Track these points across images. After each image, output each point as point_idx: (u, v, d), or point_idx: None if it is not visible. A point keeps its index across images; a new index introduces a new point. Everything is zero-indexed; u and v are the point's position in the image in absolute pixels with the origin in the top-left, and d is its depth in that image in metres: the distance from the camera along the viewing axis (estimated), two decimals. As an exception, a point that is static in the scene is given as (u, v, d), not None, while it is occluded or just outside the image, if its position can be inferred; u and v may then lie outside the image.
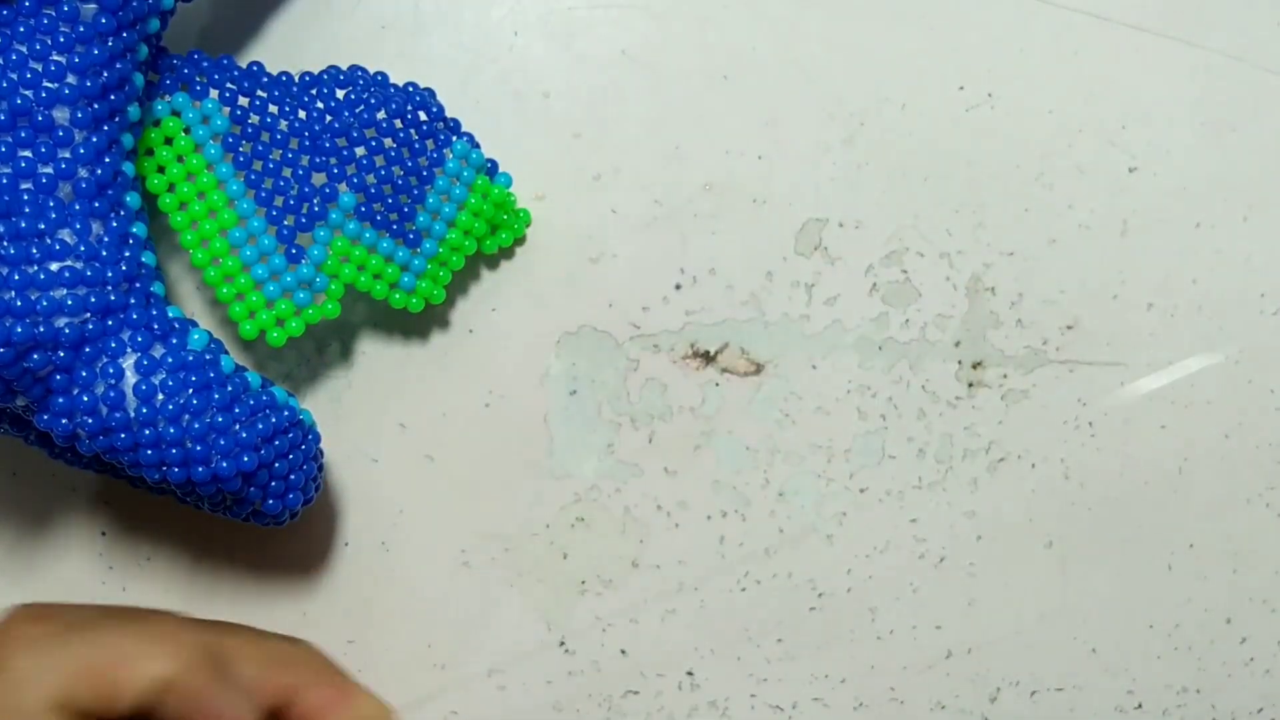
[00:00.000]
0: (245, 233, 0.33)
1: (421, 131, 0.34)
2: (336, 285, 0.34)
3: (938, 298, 0.38)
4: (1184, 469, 0.39)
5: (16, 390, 0.30)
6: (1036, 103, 0.38)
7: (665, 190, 0.38)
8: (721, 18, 0.38)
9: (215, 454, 0.30)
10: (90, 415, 0.30)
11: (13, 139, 0.29)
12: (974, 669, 0.39)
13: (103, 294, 0.30)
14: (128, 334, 0.30)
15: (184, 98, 0.33)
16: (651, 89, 0.38)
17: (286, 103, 0.33)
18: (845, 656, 0.39)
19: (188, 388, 0.30)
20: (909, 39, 0.38)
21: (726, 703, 0.39)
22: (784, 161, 0.38)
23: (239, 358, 0.37)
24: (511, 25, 0.38)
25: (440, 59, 0.37)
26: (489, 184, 0.35)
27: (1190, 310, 0.38)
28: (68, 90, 0.30)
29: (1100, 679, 0.39)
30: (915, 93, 0.38)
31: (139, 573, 0.38)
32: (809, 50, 0.38)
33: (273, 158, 0.33)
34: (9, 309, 0.28)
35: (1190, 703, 0.39)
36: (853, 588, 0.39)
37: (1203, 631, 0.39)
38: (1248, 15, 0.38)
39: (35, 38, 0.29)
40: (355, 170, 0.33)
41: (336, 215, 0.33)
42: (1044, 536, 0.39)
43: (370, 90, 0.34)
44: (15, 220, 0.29)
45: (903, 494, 0.38)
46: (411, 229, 0.34)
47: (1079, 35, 0.38)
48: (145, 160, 0.33)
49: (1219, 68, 0.38)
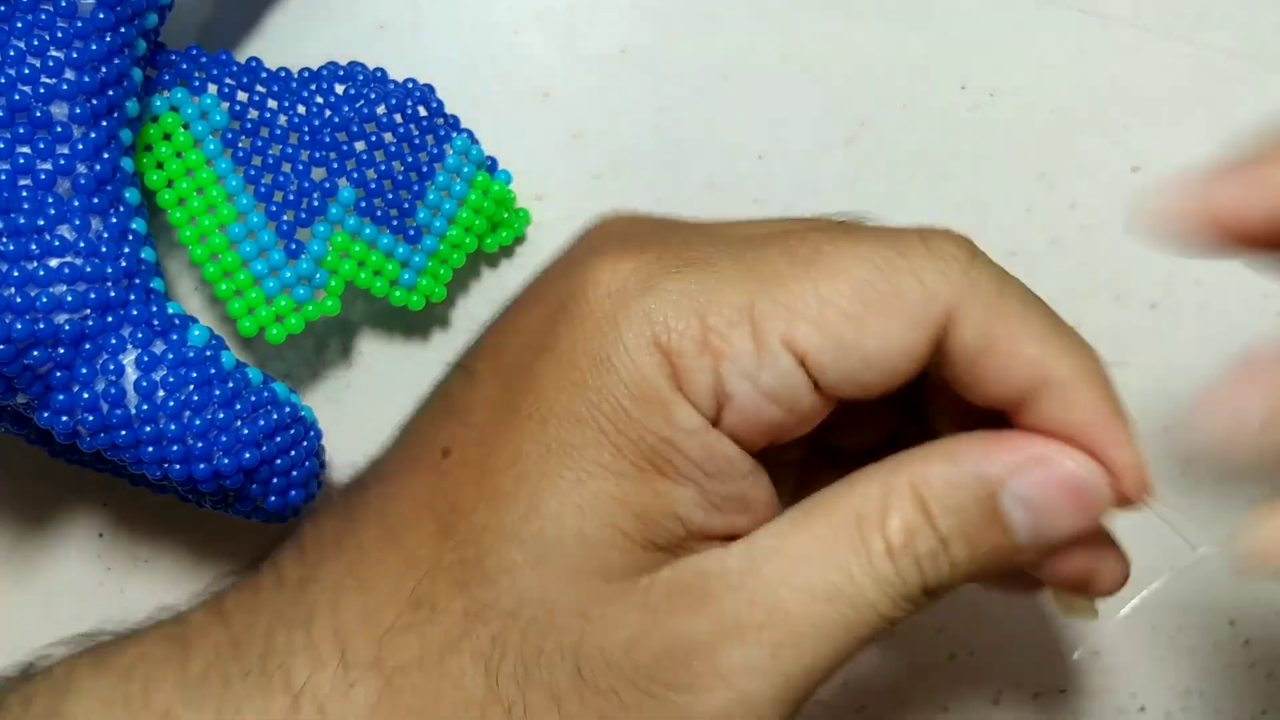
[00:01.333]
0: (244, 228, 0.33)
1: (422, 127, 0.34)
2: (336, 281, 0.33)
3: (939, 298, 0.38)
4: (1185, 469, 0.39)
5: (16, 387, 0.29)
6: (1038, 102, 0.38)
7: (665, 190, 0.37)
8: (721, 18, 0.38)
9: (216, 450, 0.30)
10: (91, 412, 0.30)
11: (11, 135, 0.29)
12: (976, 671, 0.39)
13: (102, 290, 0.30)
14: (128, 330, 0.30)
15: (182, 93, 0.33)
16: (651, 89, 0.38)
17: (285, 98, 0.33)
18: (846, 659, 0.39)
19: (188, 384, 0.30)
20: (910, 38, 0.38)
21: (727, 705, 0.38)
22: (784, 161, 0.38)
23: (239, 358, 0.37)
24: (511, 23, 0.38)
25: (439, 58, 0.37)
26: (490, 180, 0.35)
27: (1193, 311, 0.38)
28: (66, 86, 0.30)
29: (1103, 681, 0.39)
30: (916, 92, 0.38)
31: (137, 574, 0.38)
32: (809, 50, 0.38)
33: (272, 153, 0.33)
34: (8, 305, 0.28)
35: (1193, 705, 0.39)
36: (854, 589, 0.38)
37: (1206, 634, 0.39)
38: (1250, 14, 0.38)
39: (33, 33, 0.29)
40: (355, 165, 0.33)
41: (336, 211, 0.33)
42: (1046, 538, 0.39)
43: (370, 86, 0.34)
44: (14, 216, 0.29)
45: (904, 495, 0.38)
46: (412, 225, 0.34)
47: (1081, 35, 0.38)
48: (144, 156, 0.33)
49: (1222, 67, 0.38)
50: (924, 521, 0.26)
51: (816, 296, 0.25)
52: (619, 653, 0.25)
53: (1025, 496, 0.26)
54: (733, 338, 0.25)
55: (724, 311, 0.25)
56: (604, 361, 0.25)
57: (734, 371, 0.25)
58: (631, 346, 0.25)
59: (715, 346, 0.25)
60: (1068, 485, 0.26)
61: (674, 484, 0.25)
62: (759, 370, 0.25)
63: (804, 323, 0.25)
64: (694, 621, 0.25)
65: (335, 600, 0.26)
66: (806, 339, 0.25)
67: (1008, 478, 0.26)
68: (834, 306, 0.25)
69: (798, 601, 0.25)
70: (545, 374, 0.26)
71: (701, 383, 0.25)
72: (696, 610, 0.25)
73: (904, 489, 0.26)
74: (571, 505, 0.25)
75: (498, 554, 0.25)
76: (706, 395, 0.25)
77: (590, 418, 0.25)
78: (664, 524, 0.25)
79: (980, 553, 0.26)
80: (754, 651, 0.25)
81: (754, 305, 0.25)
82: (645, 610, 0.25)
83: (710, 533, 0.26)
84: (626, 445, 0.25)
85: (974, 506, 0.26)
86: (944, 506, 0.26)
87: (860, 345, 0.25)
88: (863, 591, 0.25)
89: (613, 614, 0.25)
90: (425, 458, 0.27)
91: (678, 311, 0.25)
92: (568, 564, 0.25)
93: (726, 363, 0.25)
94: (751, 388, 0.25)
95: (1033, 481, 0.26)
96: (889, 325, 0.25)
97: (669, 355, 0.25)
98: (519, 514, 0.25)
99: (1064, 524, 0.26)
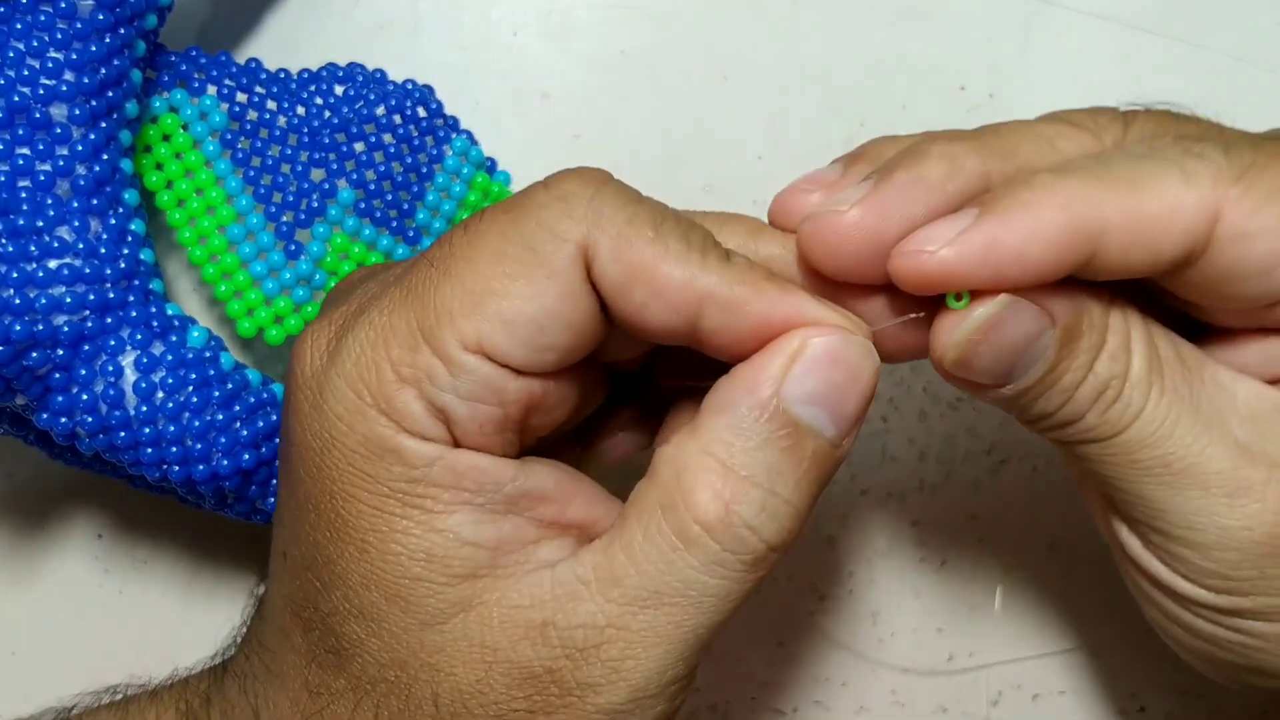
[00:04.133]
0: (243, 229, 0.33)
1: (421, 128, 0.34)
2: (335, 282, 0.33)
3: (939, 298, 0.38)
4: (1186, 470, 0.39)
5: (16, 389, 0.29)
6: (1038, 102, 0.38)
7: (665, 191, 0.37)
8: (721, 18, 0.38)
9: (215, 451, 0.30)
10: (90, 413, 0.30)
11: (11, 136, 0.29)
12: (976, 672, 0.39)
13: (101, 291, 0.30)
14: (127, 331, 0.30)
15: (182, 94, 0.33)
16: (651, 89, 0.38)
17: (285, 99, 0.33)
18: (847, 660, 0.39)
19: (187, 385, 0.30)
20: (909, 39, 0.38)
21: (727, 706, 0.38)
22: (784, 161, 0.38)
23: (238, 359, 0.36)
24: (510, 25, 0.38)
25: (439, 59, 0.37)
26: (489, 181, 0.35)
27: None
28: (65, 87, 0.29)
29: (1103, 682, 0.39)
30: (916, 93, 0.38)
31: (135, 575, 0.38)
32: (809, 50, 0.38)
33: (271, 154, 0.33)
34: (7, 307, 0.28)
35: (1193, 706, 0.39)
36: (854, 591, 0.38)
37: (1205, 634, 0.39)
38: (1248, 15, 0.38)
39: (33, 34, 0.29)
40: (354, 166, 0.33)
41: (335, 211, 0.33)
42: (1046, 539, 0.39)
43: (369, 87, 0.34)
44: (13, 218, 0.29)
45: (904, 496, 0.38)
46: (411, 226, 0.34)
47: (1080, 35, 0.38)
48: (143, 157, 0.33)
49: (1220, 67, 0.38)
50: (733, 481, 0.25)
51: (463, 289, 0.25)
52: (472, 695, 0.26)
53: (808, 392, 0.25)
54: (418, 361, 0.25)
55: (401, 341, 0.25)
56: (330, 442, 0.26)
57: (435, 390, 0.25)
58: (343, 416, 0.26)
59: (409, 375, 0.25)
60: (832, 358, 0.25)
61: (445, 515, 0.26)
62: (455, 381, 0.25)
63: (465, 319, 0.25)
64: (533, 651, 0.26)
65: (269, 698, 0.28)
66: (477, 331, 0.25)
67: (783, 389, 0.25)
68: (482, 290, 0.25)
69: (625, 615, 0.26)
70: (299, 467, 0.27)
71: (416, 414, 0.25)
72: (533, 641, 0.26)
73: (696, 459, 0.25)
74: (373, 572, 0.26)
75: (344, 632, 0.26)
76: (427, 422, 0.25)
77: (346, 493, 0.26)
78: (458, 555, 0.26)
79: (807, 474, 0.26)
80: (596, 670, 0.26)
81: (420, 324, 0.25)
82: (485, 649, 0.26)
83: (522, 538, 0.26)
84: (382, 499, 0.26)
85: (773, 435, 0.25)
86: (746, 455, 0.25)
87: (520, 313, 0.25)
88: (691, 585, 0.25)
89: (453, 660, 0.26)
90: (276, 564, 0.28)
91: (363, 364, 0.26)
92: (394, 624, 0.26)
93: (425, 385, 0.25)
94: (457, 397, 0.25)
95: (804, 374, 0.25)
96: (534, 283, 0.25)
97: (377, 404, 0.25)
98: (343, 594, 0.26)
99: (855, 393, 0.26)
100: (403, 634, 0.26)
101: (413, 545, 0.26)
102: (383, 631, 0.26)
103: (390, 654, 0.26)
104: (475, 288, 0.25)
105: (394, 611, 0.26)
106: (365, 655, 0.26)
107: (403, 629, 0.26)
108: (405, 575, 0.26)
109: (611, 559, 0.26)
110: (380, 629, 0.26)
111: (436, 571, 0.26)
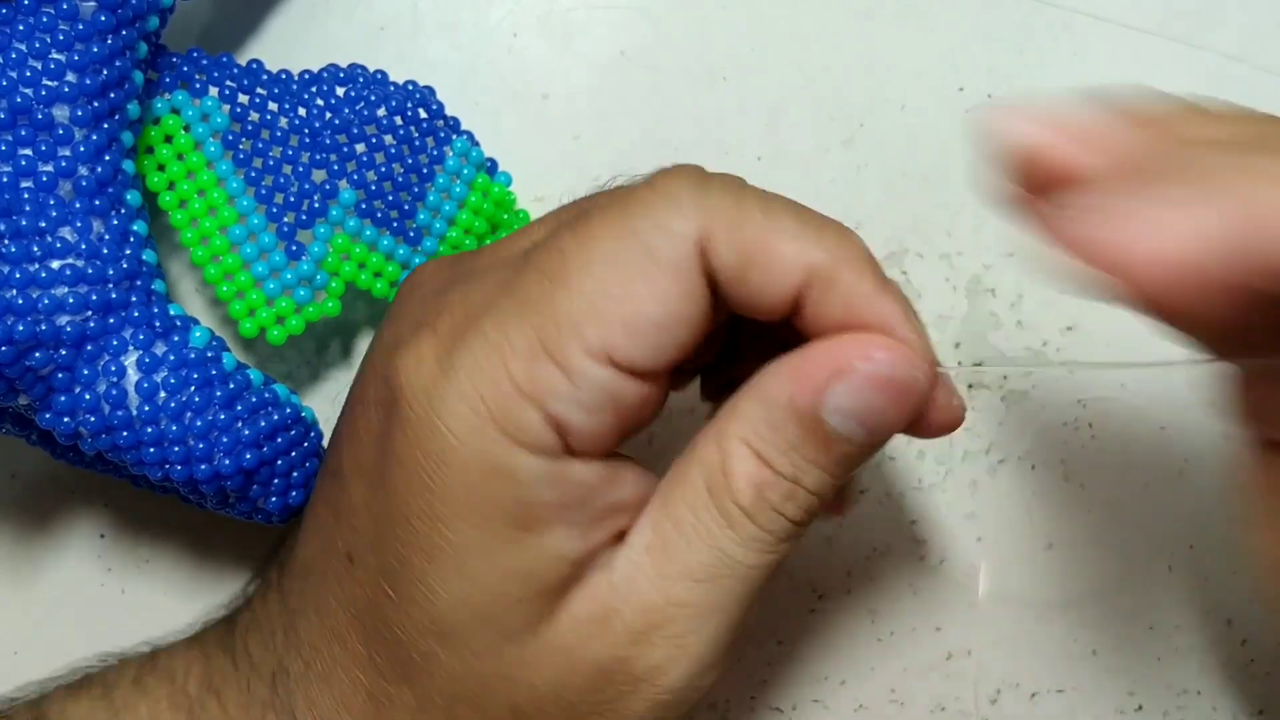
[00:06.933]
0: (245, 230, 0.33)
1: (422, 129, 0.34)
2: (337, 283, 0.33)
3: (938, 299, 0.38)
4: (1184, 470, 0.39)
5: (18, 389, 0.29)
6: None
7: (665, 191, 0.37)
8: (721, 18, 0.38)
9: (217, 451, 0.30)
10: (92, 413, 0.30)
11: (13, 137, 0.29)
12: (974, 671, 0.39)
13: (104, 292, 0.30)
14: (129, 332, 0.30)
15: (183, 95, 0.33)
16: (651, 89, 0.38)
17: (286, 100, 0.33)
18: (845, 658, 0.39)
19: (190, 385, 0.30)
20: (909, 39, 0.38)
21: (726, 704, 0.38)
22: (784, 162, 0.38)
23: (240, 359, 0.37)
24: (510, 26, 0.38)
25: (439, 60, 0.37)
26: (489, 182, 0.35)
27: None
28: (67, 88, 0.30)
29: (1100, 680, 0.39)
30: (915, 93, 0.38)
31: (138, 574, 0.38)
32: (809, 50, 0.38)
33: (272, 155, 0.33)
34: (10, 307, 0.28)
35: (1191, 704, 0.39)
36: (853, 589, 0.39)
37: (1203, 633, 0.39)
38: (1248, 15, 0.38)
39: (34, 35, 0.29)
40: (356, 167, 0.33)
41: (337, 212, 0.33)
42: (1044, 538, 0.39)
43: (370, 88, 0.34)
44: (16, 218, 0.29)
45: (903, 495, 0.38)
46: (412, 227, 0.34)
47: (1079, 36, 0.38)
48: (145, 158, 0.33)
49: (1219, 68, 0.38)
50: (766, 472, 0.26)
51: (583, 296, 0.25)
52: (551, 700, 0.27)
53: (845, 409, 0.26)
54: (539, 373, 0.25)
55: (521, 355, 0.25)
56: (440, 458, 0.26)
57: (558, 403, 0.25)
58: (458, 433, 0.26)
59: (530, 391, 0.25)
60: (877, 383, 0.26)
61: (544, 534, 0.26)
62: (577, 391, 0.25)
63: (588, 327, 0.25)
64: (602, 646, 0.26)
65: (309, 696, 0.28)
66: (600, 339, 0.25)
67: (821, 399, 0.26)
68: (602, 296, 0.25)
69: (683, 590, 0.26)
70: (399, 479, 0.27)
71: (534, 428, 0.26)
72: (601, 635, 0.26)
73: (735, 447, 0.27)
74: (467, 594, 0.26)
75: (416, 647, 0.27)
76: (544, 434, 0.26)
77: (454, 514, 0.26)
78: (551, 570, 0.26)
79: (834, 469, 0.27)
80: (660, 650, 0.26)
81: (541, 335, 0.25)
82: (560, 653, 0.26)
83: (597, 546, 0.27)
84: (489, 522, 0.26)
85: (805, 437, 0.26)
86: (777, 450, 0.26)
87: (644, 316, 0.26)
88: (737, 559, 0.27)
89: (531, 670, 0.27)
90: (335, 564, 0.28)
91: (481, 379, 0.26)
92: (475, 642, 0.26)
93: (548, 399, 0.25)
94: (579, 408, 0.26)
95: (845, 392, 0.26)
96: (655, 285, 0.26)
97: (494, 420, 0.25)
98: (425, 612, 0.26)
99: (893, 414, 0.27)
100: (484, 650, 0.26)
101: (514, 566, 0.26)
102: (464, 650, 0.26)
103: (466, 668, 0.26)
104: (595, 294, 0.25)
105: (481, 630, 0.26)
106: (438, 670, 0.27)
107: (485, 645, 0.26)
108: (501, 595, 0.26)
109: (664, 537, 0.27)
110: (462, 647, 0.26)
111: (530, 589, 0.26)
